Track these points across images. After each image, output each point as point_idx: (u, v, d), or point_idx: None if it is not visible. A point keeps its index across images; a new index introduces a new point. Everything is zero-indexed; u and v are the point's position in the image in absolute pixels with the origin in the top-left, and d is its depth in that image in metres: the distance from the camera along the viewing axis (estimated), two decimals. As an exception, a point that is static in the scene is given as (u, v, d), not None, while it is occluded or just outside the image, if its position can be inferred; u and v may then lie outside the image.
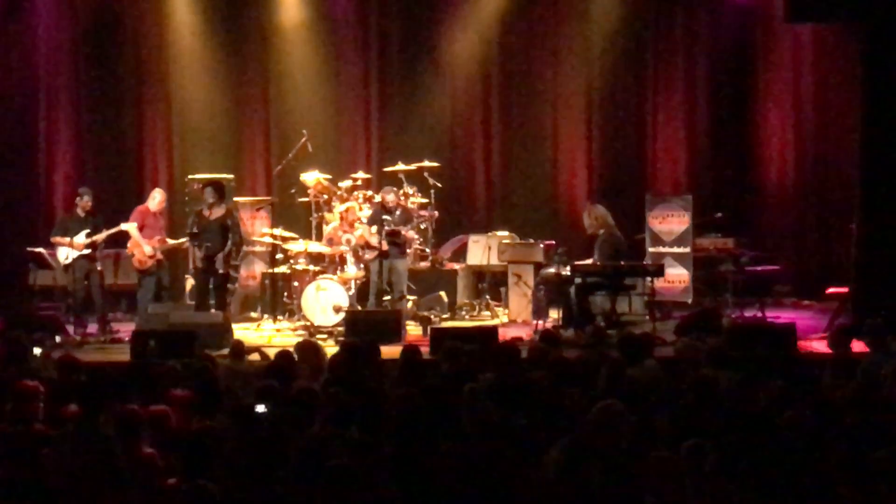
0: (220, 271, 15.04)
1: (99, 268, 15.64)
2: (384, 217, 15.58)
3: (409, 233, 16.03)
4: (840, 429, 7.48)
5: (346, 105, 19.24)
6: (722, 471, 6.69)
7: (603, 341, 11.73)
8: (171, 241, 15.90)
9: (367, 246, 15.68)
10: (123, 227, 15.60)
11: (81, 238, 15.26)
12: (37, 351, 11.63)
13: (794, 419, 7.38)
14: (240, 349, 11.51)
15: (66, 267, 15.40)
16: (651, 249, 16.78)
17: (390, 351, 11.46)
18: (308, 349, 10.71)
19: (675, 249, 16.71)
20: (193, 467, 6.84)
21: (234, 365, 11.00)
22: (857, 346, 11.21)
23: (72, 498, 6.86)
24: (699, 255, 16.64)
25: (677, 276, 16.64)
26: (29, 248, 16.24)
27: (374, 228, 15.62)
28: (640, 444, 7.13)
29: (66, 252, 15.30)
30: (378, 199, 16.16)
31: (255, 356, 12.39)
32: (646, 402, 8.22)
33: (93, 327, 15.49)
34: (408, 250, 16.20)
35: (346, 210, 16.28)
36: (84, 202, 15.46)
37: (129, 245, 15.77)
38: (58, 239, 15.46)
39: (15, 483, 6.56)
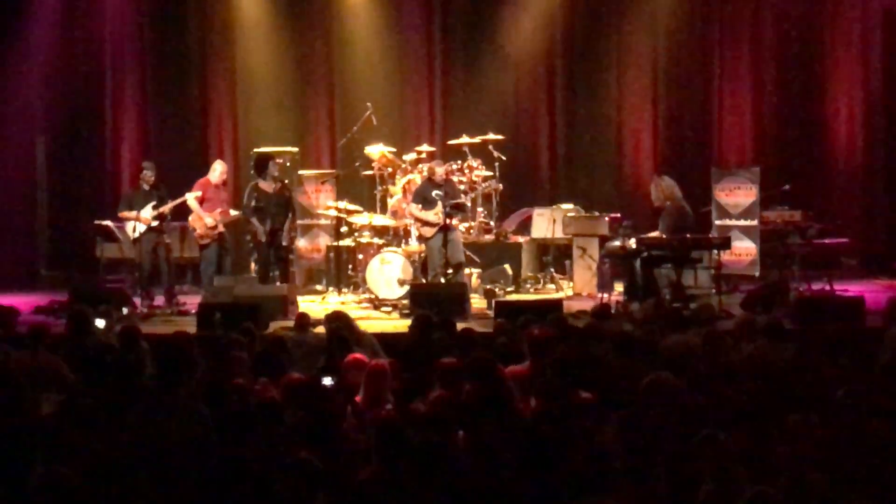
0: (284, 244, 15.09)
1: (167, 241, 15.76)
2: (434, 192, 15.46)
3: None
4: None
5: (410, 78, 19.24)
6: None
7: (663, 315, 11.62)
8: (233, 213, 15.92)
9: (421, 221, 15.59)
10: (186, 196, 15.66)
11: (148, 211, 15.37)
12: (100, 323, 11.70)
13: (851, 395, 7.25)
14: (305, 321, 11.58)
15: (135, 241, 15.51)
16: (718, 222, 16.68)
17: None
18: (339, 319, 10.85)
19: (742, 222, 16.60)
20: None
21: (299, 336, 11.07)
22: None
23: (154, 466, 6.90)
24: (766, 228, 16.51)
25: (744, 248, 16.53)
26: (96, 222, 16.39)
27: (421, 206, 15.51)
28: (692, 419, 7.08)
29: (134, 225, 15.41)
30: (438, 171, 15.97)
31: (320, 329, 12.45)
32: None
33: (160, 300, 15.62)
34: (471, 223, 16.18)
35: (409, 182, 16.28)
36: (147, 176, 15.56)
37: (190, 218, 15.85)
38: (125, 213, 15.58)
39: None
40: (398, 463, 6.43)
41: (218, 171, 16.04)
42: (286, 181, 15.86)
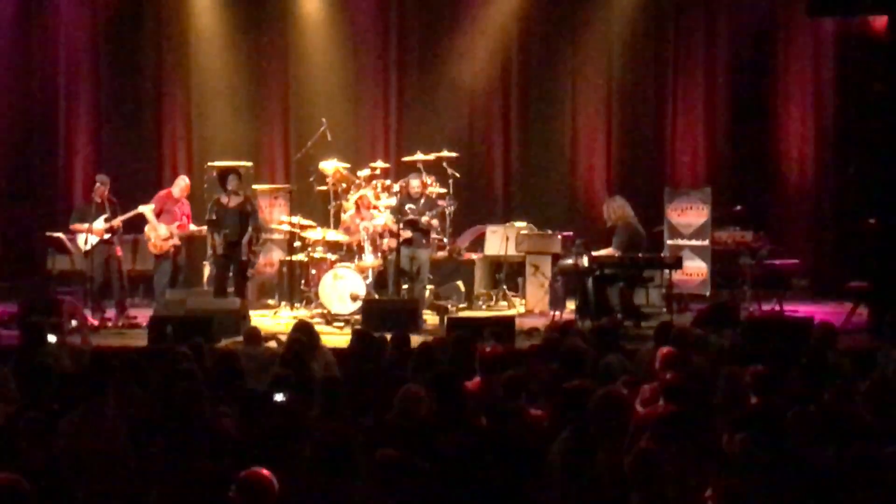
0: (243, 258, 15.03)
1: (118, 253, 15.67)
2: (408, 206, 15.56)
3: (434, 221, 16.01)
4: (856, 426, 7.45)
5: (365, 94, 19.23)
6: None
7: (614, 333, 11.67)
8: (193, 228, 15.85)
9: (390, 234, 15.64)
10: (141, 209, 15.64)
11: (100, 223, 15.28)
12: (52, 338, 11.62)
13: (804, 416, 7.31)
14: (255, 335, 11.53)
15: (86, 253, 15.41)
16: (669, 242, 16.77)
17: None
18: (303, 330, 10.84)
19: (694, 242, 16.70)
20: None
21: (250, 350, 11.04)
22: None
23: (81, 481, 6.93)
24: (717, 249, 16.60)
25: (695, 268, 16.61)
26: (48, 234, 16.27)
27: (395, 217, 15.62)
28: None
29: (86, 237, 15.31)
30: (396, 188, 16.03)
31: (272, 343, 12.43)
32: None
33: (111, 313, 15.53)
34: (433, 238, 16.22)
35: (361, 198, 16.26)
36: (100, 189, 15.46)
37: (146, 229, 15.78)
38: (77, 226, 15.49)
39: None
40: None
41: (181, 185, 16.05)
42: (248, 195, 15.80)
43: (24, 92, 18.94)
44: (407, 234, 15.51)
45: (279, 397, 8.39)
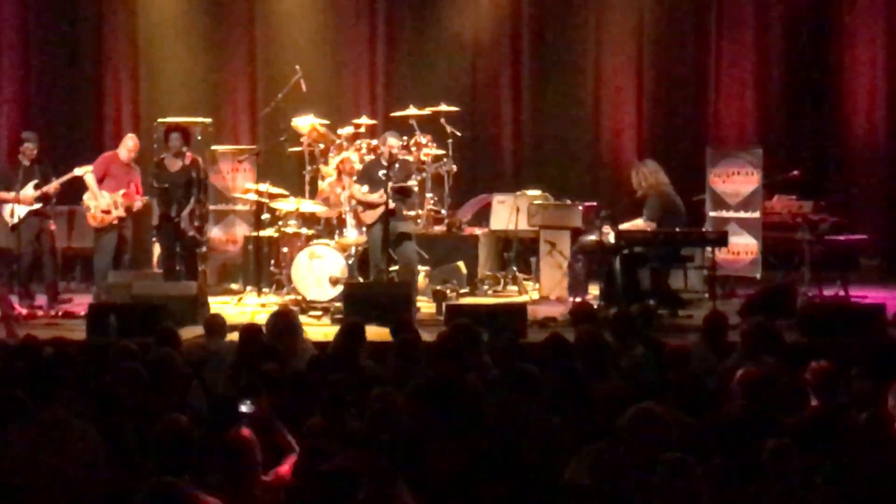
0: (189, 234, 14.99)
1: (52, 227, 15.63)
2: (382, 172, 15.35)
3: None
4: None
5: (347, 36, 19.23)
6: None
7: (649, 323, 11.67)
8: (140, 200, 15.71)
9: (366, 205, 15.53)
10: (77, 172, 15.51)
11: (29, 190, 15.26)
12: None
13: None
14: (218, 325, 11.44)
15: (12, 227, 15.38)
16: (712, 214, 16.74)
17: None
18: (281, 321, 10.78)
19: (742, 214, 16.66)
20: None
21: (211, 345, 10.98)
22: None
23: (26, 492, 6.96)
24: (770, 222, 16.58)
25: (743, 245, 16.59)
26: (-35, 205, 16.25)
27: (366, 188, 15.45)
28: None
29: (12, 209, 15.27)
30: (384, 148, 15.86)
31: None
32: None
33: (41, 299, 15.51)
34: (419, 210, 16.16)
35: (342, 162, 16.21)
36: (28, 149, 15.43)
37: (84, 197, 15.68)
38: (1, 195, 15.44)
39: None
40: None
41: (129, 145, 15.85)
42: (196, 157, 15.75)
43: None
44: (391, 204, 15.35)
45: (245, 408, 8.33)
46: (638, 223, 14.77)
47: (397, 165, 15.50)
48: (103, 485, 7.16)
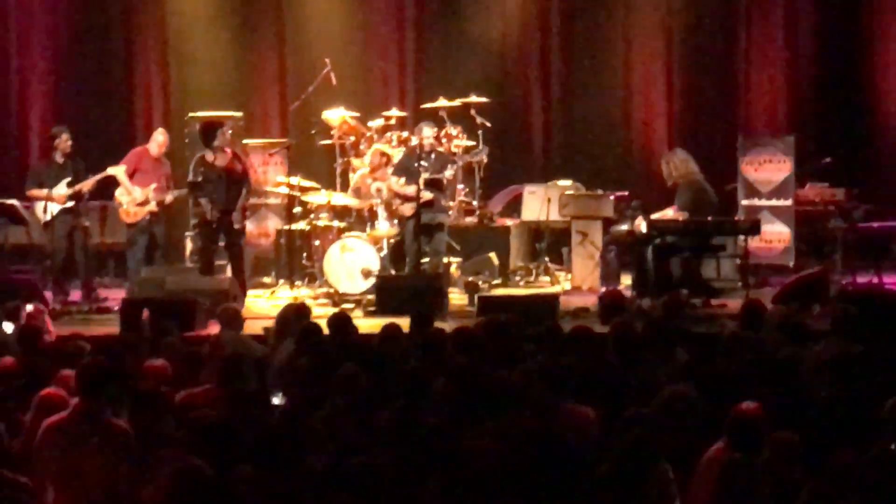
0: (236, 226, 14.95)
1: (85, 223, 15.67)
2: (420, 163, 15.40)
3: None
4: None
5: (377, 29, 19.22)
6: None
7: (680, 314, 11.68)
8: (172, 194, 15.71)
9: (404, 198, 15.56)
10: (110, 171, 15.54)
11: (62, 188, 15.27)
12: (7, 327, 11.63)
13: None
14: (233, 316, 11.38)
15: (46, 224, 15.40)
16: (744, 202, 16.73)
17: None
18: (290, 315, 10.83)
19: (774, 202, 16.65)
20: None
21: (228, 337, 10.98)
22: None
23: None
24: (803, 209, 16.56)
25: (776, 234, 16.58)
26: (-1, 201, 16.33)
27: (403, 180, 15.51)
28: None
29: (45, 206, 15.31)
30: (419, 138, 15.83)
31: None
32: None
33: (76, 294, 15.57)
34: (451, 202, 16.18)
35: (376, 153, 16.25)
36: (62, 143, 15.45)
37: (117, 193, 15.70)
38: (34, 192, 15.46)
39: None
40: None
41: (159, 140, 15.83)
42: (239, 153, 15.75)
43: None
44: (427, 195, 15.39)
45: (278, 399, 8.38)
46: (669, 213, 14.78)
47: (433, 156, 15.60)
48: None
